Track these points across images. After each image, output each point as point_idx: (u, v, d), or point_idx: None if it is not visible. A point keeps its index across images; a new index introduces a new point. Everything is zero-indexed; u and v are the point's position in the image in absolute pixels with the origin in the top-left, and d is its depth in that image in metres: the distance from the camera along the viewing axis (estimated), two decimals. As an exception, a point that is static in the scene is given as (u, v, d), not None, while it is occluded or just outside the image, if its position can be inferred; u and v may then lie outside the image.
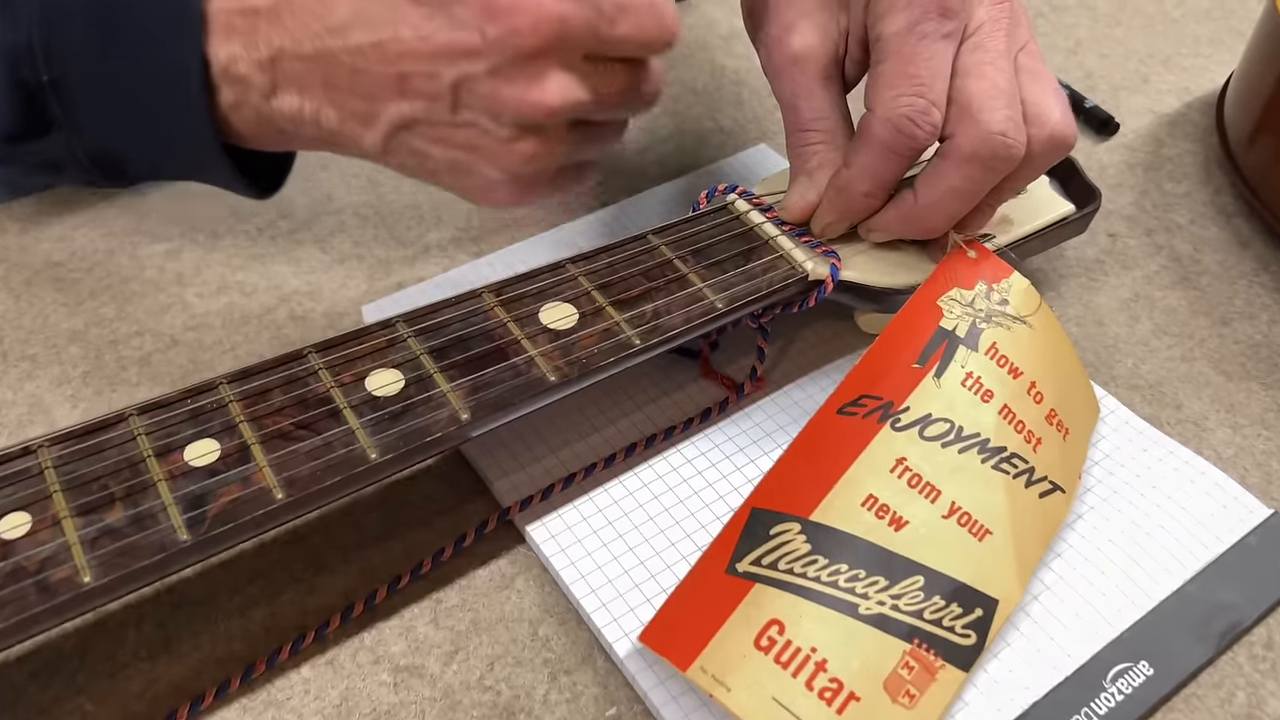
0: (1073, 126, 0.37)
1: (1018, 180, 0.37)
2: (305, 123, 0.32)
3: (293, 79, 0.31)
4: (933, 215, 0.37)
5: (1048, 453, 0.35)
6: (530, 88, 0.31)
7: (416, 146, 0.33)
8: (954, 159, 0.36)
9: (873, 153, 0.36)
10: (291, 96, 0.32)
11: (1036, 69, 0.37)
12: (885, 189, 0.37)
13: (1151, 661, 0.34)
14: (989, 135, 0.35)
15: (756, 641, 0.31)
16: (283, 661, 0.34)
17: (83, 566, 0.27)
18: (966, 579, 0.32)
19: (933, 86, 0.35)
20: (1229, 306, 0.46)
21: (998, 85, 0.35)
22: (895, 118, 0.35)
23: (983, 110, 0.35)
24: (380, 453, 0.30)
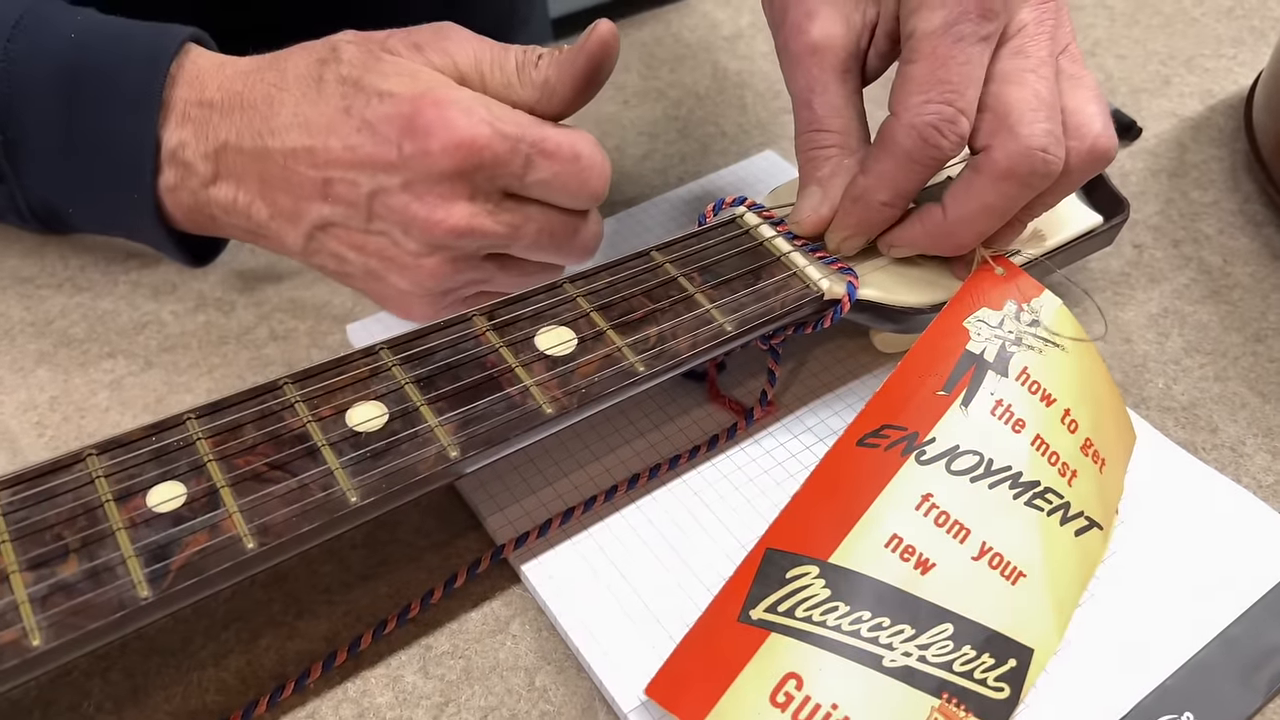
0: (1114, 138, 0.35)
1: (1054, 195, 0.35)
2: (237, 213, 0.35)
3: (232, 171, 0.34)
4: (963, 232, 0.35)
5: (1083, 486, 0.33)
6: (436, 208, 0.32)
7: (334, 249, 0.34)
8: (989, 174, 0.33)
9: (894, 161, 0.34)
10: (228, 187, 0.34)
11: (1078, 74, 0.35)
12: (905, 199, 0.35)
13: (1197, 713, 0.31)
14: (1029, 151, 0.32)
15: (772, 697, 0.28)
16: (260, 715, 0.31)
17: (32, 629, 0.24)
18: (999, 627, 0.30)
19: (964, 94, 0.32)
20: (1263, 322, 0.44)
21: (1040, 95, 0.33)
22: (921, 125, 0.33)
23: (1022, 123, 0.33)
24: (361, 496, 0.28)
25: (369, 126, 0.32)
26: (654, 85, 0.57)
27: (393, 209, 0.33)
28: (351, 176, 0.33)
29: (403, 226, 0.33)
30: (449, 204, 0.32)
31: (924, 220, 0.35)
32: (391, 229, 0.33)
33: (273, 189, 0.34)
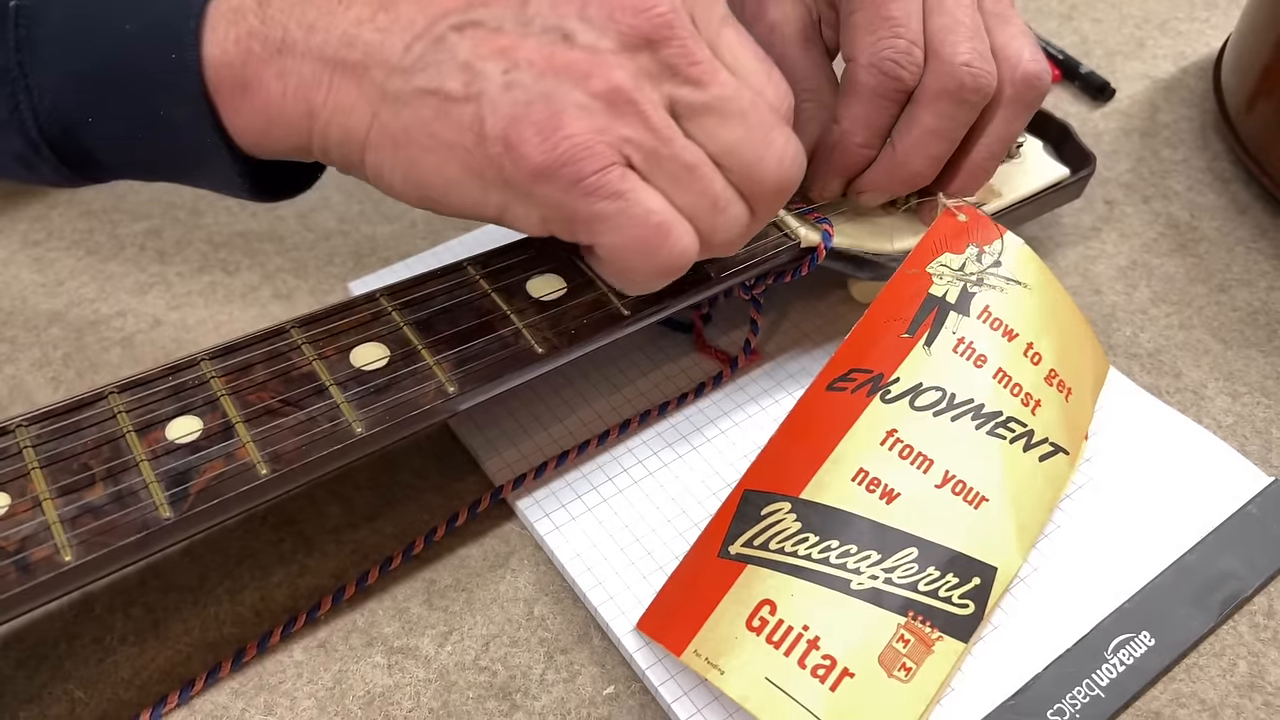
0: (1045, 65, 0.36)
1: (1002, 125, 0.37)
2: (328, 15, 0.28)
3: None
4: (914, 160, 0.36)
5: (1048, 414, 0.35)
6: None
7: (465, 57, 0.27)
8: (924, 99, 0.35)
9: (862, 101, 0.35)
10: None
11: (1003, 12, 0.37)
12: (880, 137, 0.37)
13: (1153, 632, 0.33)
14: (954, 67, 0.34)
15: (748, 622, 0.30)
16: (274, 644, 0.33)
17: (63, 545, 0.26)
18: (962, 548, 0.32)
19: (909, 26, 0.34)
20: (1227, 273, 0.46)
21: (959, 19, 0.35)
22: (879, 61, 0.34)
23: (945, 45, 0.34)
24: (366, 427, 0.29)
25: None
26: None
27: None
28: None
29: (585, 15, 0.28)
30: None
31: (880, 161, 0.37)
32: (567, 23, 0.28)
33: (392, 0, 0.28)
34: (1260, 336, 0.43)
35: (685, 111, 0.29)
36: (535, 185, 0.28)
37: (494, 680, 0.33)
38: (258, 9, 0.28)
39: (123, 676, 0.33)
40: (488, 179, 0.28)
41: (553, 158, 0.27)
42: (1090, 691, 0.32)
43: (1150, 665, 0.33)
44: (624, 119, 0.28)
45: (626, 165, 0.28)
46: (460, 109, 0.27)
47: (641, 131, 0.28)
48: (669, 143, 0.28)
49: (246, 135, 0.30)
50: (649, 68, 0.28)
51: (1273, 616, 0.34)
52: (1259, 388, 0.41)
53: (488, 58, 0.27)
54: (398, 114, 0.28)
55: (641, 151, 0.28)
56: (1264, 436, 0.40)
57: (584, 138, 0.27)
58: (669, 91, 0.28)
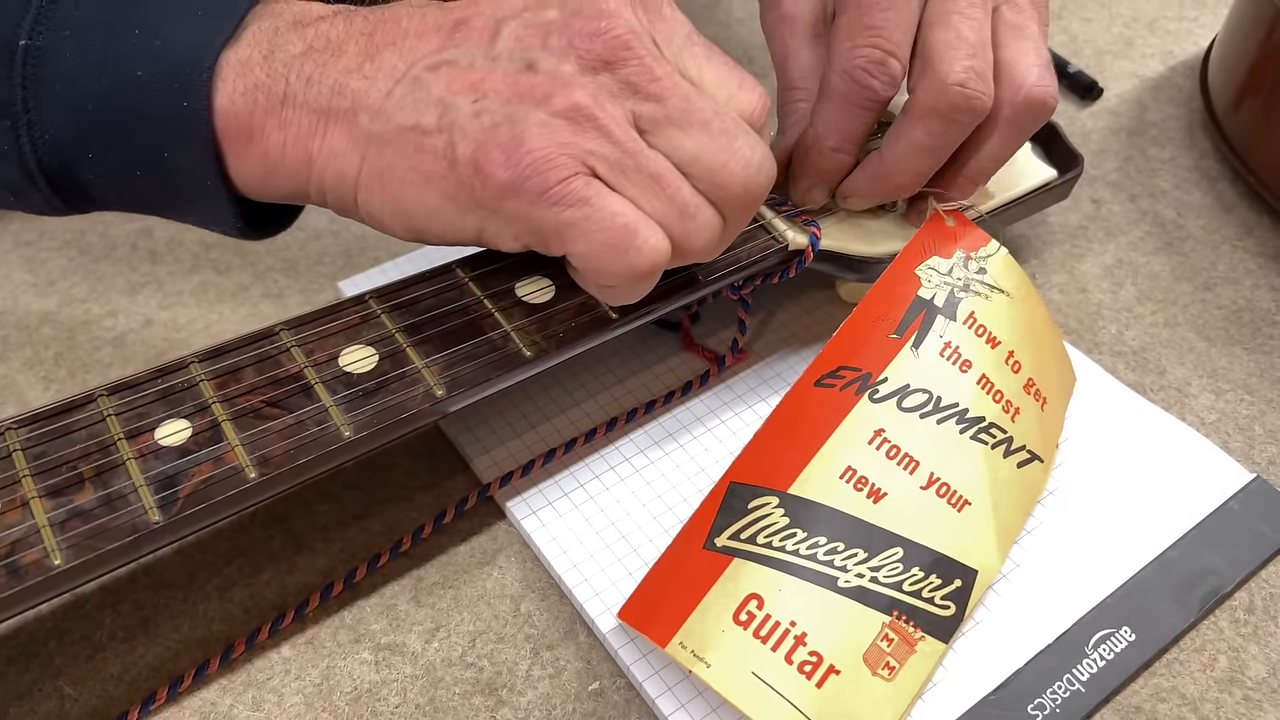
0: (1052, 89, 0.36)
1: (997, 145, 0.36)
2: (321, 69, 0.30)
3: (336, 23, 0.30)
4: (899, 172, 0.36)
5: (1026, 422, 0.35)
6: (601, 16, 0.29)
7: (439, 94, 0.29)
8: (914, 113, 0.35)
9: (834, 106, 0.35)
10: (327, 24, 0.30)
11: (1022, 24, 0.36)
12: (854, 143, 0.37)
13: (1134, 627, 0.34)
14: (945, 86, 0.34)
15: (735, 616, 0.30)
16: (262, 641, 0.34)
17: (53, 549, 0.26)
18: (946, 550, 0.32)
19: (890, 37, 0.34)
20: (1212, 271, 0.46)
21: (961, 34, 0.34)
22: (852, 69, 0.34)
23: (941, 61, 0.34)
24: (354, 430, 0.30)
25: (539, 1, 0.30)
26: (633, 51, 0.58)
27: (538, 28, 0.30)
28: (488, 12, 0.30)
29: (547, 45, 0.29)
30: (611, 17, 0.29)
31: (866, 166, 0.37)
32: (531, 53, 0.29)
33: (378, 47, 0.30)
34: (1244, 334, 0.44)
35: (648, 125, 0.30)
36: (504, 202, 0.29)
37: (480, 676, 0.33)
38: (264, 63, 0.30)
39: (112, 673, 0.33)
40: (462, 202, 0.30)
41: (517, 173, 0.28)
42: (1071, 686, 0.32)
43: (1131, 660, 0.33)
44: (586, 133, 0.29)
45: (591, 175, 0.29)
46: (435, 140, 0.29)
47: (604, 144, 0.29)
48: (633, 154, 0.29)
49: (248, 180, 0.31)
50: (610, 86, 0.29)
51: (1253, 612, 0.35)
52: (1242, 385, 0.42)
53: (459, 92, 0.29)
54: (382, 152, 0.30)
55: (606, 162, 0.29)
56: (1246, 433, 0.40)
57: (546, 151, 0.28)
58: (631, 107, 0.30)
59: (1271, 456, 0.39)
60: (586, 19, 0.29)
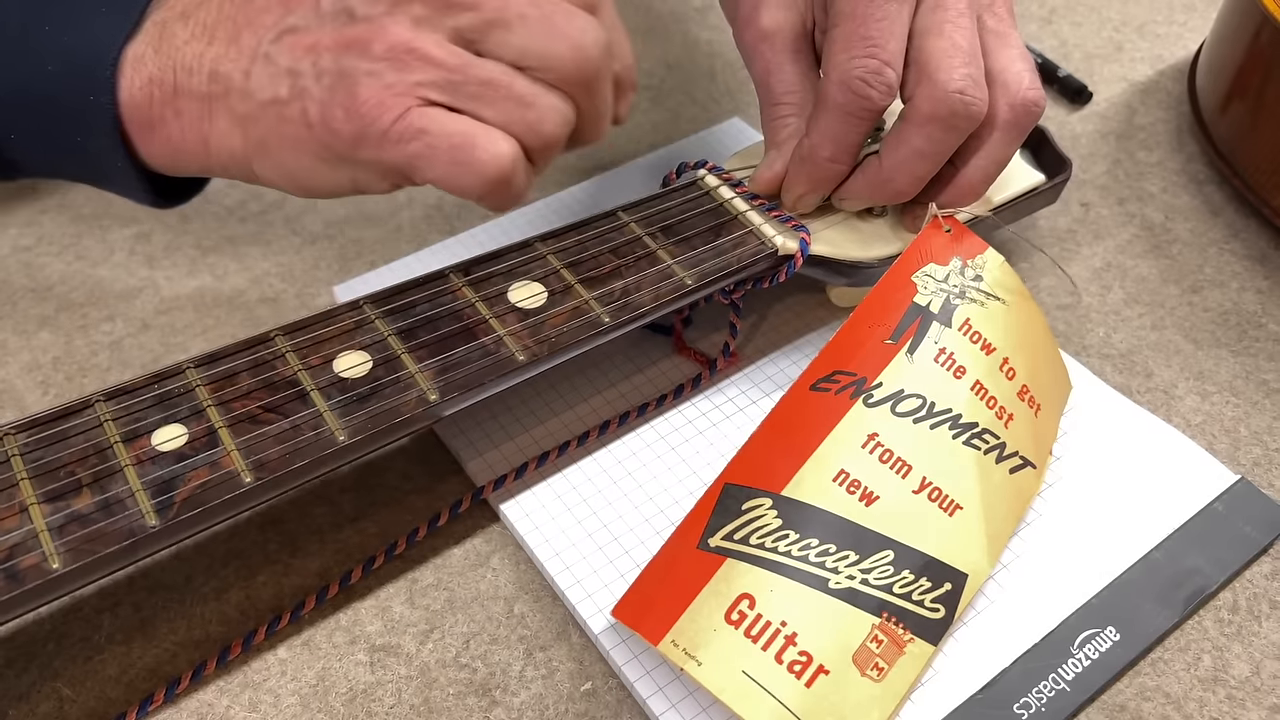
0: (1040, 91, 0.37)
1: (997, 149, 0.37)
2: (198, 70, 0.32)
3: (204, 22, 0.33)
4: (899, 178, 0.37)
5: (1019, 428, 0.36)
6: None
7: (288, 63, 0.31)
8: (914, 120, 0.36)
9: (831, 117, 0.36)
10: (198, 42, 0.32)
11: (1003, 30, 0.37)
12: (849, 153, 0.37)
13: (1119, 627, 0.34)
14: (946, 94, 0.35)
15: (727, 616, 0.31)
16: (259, 643, 0.34)
17: (51, 553, 0.27)
18: (936, 553, 0.33)
19: (885, 46, 0.35)
20: (1199, 274, 0.47)
21: (956, 43, 0.35)
22: (849, 79, 0.35)
23: (940, 69, 0.35)
24: (349, 435, 0.30)
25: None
26: (626, 56, 0.59)
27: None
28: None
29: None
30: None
31: (865, 171, 0.38)
32: (349, 3, 0.31)
33: (239, 29, 0.32)
34: (1230, 337, 0.44)
35: (472, 35, 0.31)
36: (358, 152, 0.31)
37: (474, 677, 0.33)
38: (155, 56, 0.32)
39: (110, 674, 0.33)
40: (330, 160, 0.32)
41: (358, 124, 0.30)
42: (1056, 685, 0.33)
43: (1115, 660, 0.33)
44: (409, 68, 0.30)
45: (426, 104, 0.30)
46: (292, 109, 0.31)
47: (430, 71, 0.30)
48: (460, 69, 0.31)
49: (157, 162, 0.34)
50: (422, 14, 0.31)
51: (1237, 612, 0.35)
52: (1228, 387, 0.42)
53: (301, 57, 0.31)
54: (256, 128, 0.32)
55: (436, 88, 0.30)
56: (1232, 435, 0.40)
57: (376, 97, 0.30)
58: (450, 25, 0.31)
59: (1256, 458, 0.40)
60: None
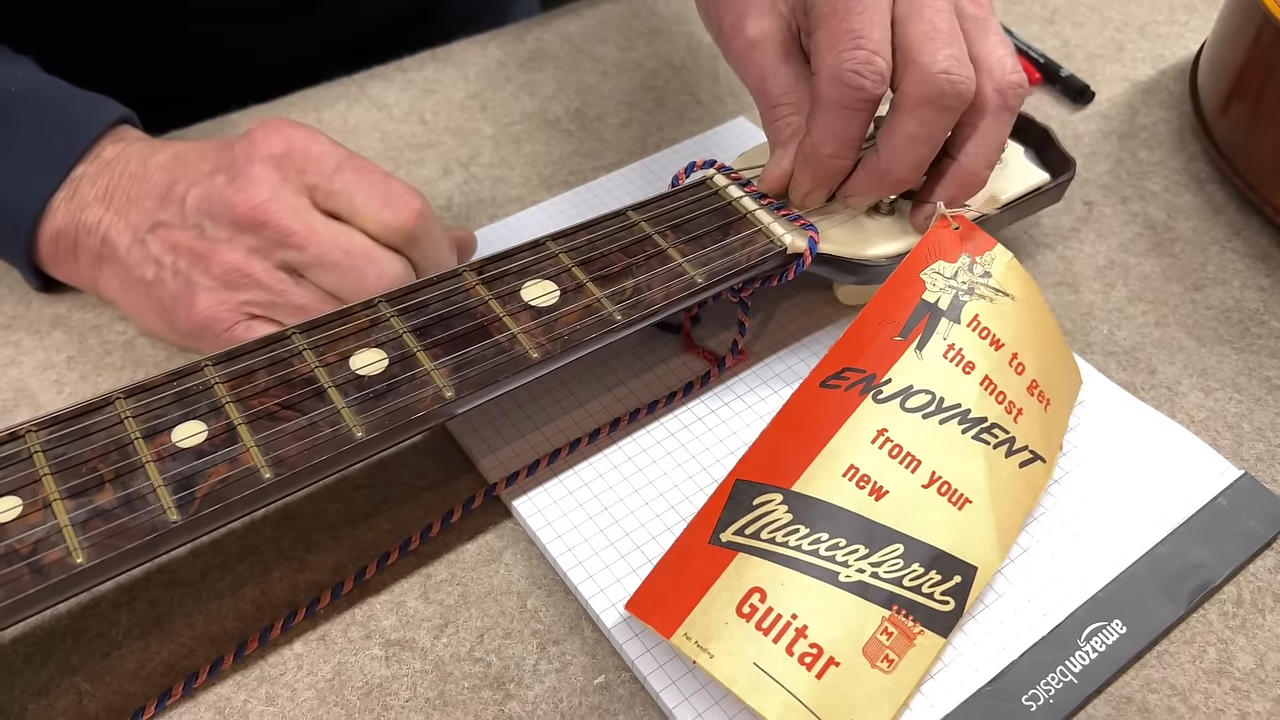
0: (1022, 74, 0.38)
1: (990, 132, 0.38)
2: (96, 232, 0.40)
3: (109, 195, 0.40)
4: (898, 166, 0.37)
5: (1028, 423, 0.36)
6: (243, 189, 0.37)
7: (155, 252, 0.39)
8: (905, 106, 0.36)
9: (828, 113, 0.36)
10: (99, 209, 0.40)
11: (981, 18, 0.38)
12: (851, 147, 0.38)
13: (1125, 620, 0.34)
14: (932, 76, 0.35)
15: (739, 609, 0.31)
16: (275, 638, 0.34)
17: (75, 548, 0.27)
18: (946, 547, 0.33)
19: (870, 36, 0.35)
20: (1201, 272, 0.47)
21: (936, 26, 0.36)
22: (840, 72, 0.35)
23: (923, 52, 0.35)
24: (366, 431, 0.30)
25: (219, 168, 0.39)
26: (631, 57, 0.59)
27: (208, 197, 0.38)
28: (187, 181, 0.39)
29: (212, 213, 0.38)
30: (254, 187, 0.37)
31: (865, 165, 0.38)
32: (203, 220, 0.38)
33: (129, 204, 0.40)
34: (1233, 334, 0.44)
35: (297, 268, 0.38)
36: (197, 342, 0.39)
37: (488, 671, 0.34)
38: (65, 211, 0.40)
39: (128, 669, 0.34)
40: (178, 335, 0.40)
41: (195, 325, 0.38)
42: (1064, 677, 0.33)
43: (1122, 652, 0.34)
44: (240, 289, 0.37)
45: (251, 318, 0.38)
46: (155, 291, 0.39)
47: (257, 292, 0.37)
48: (282, 294, 0.37)
49: (56, 275, 0.43)
50: (257, 245, 0.37)
51: (1241, 605, 0.36)
52: (1231, 383, 0.43)
53: (165, 252, 0.39)
54: (130, 292, 0.40)
55: (260, 306, 0.38)
56: (1235, 431, 0.41)
57: (211, 311, 0.38)
58: (279, 257, 0.37)
59: (1259, 453, 0.40)
60: (236, 189, 0.37)
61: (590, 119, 0.55)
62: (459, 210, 0.50)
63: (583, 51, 0.59)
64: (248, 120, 0.54)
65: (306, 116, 0.55)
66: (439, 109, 0.55)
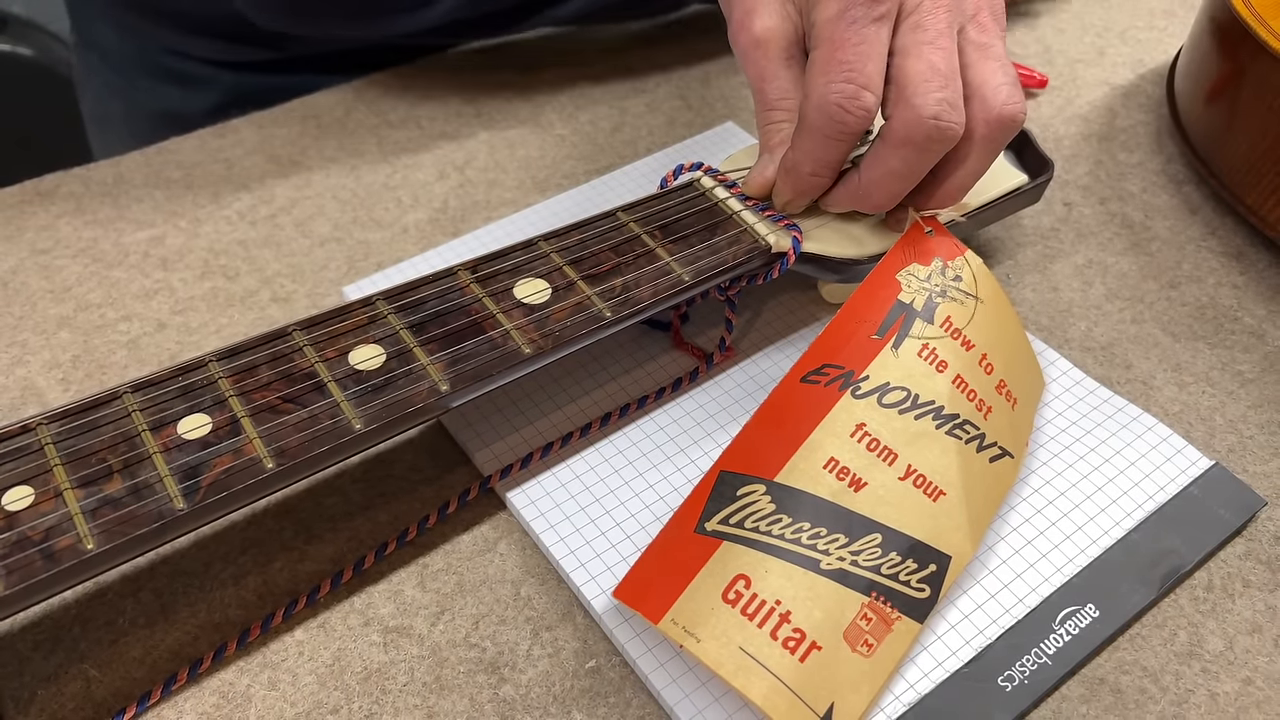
0: (1021, 105, 0.37)
1: (974, 162, 0.38)
2: None
3: None
4: (877, 194, 0.38)
5: (997, 420, 0.37)
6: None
7: None
8: (890, 141, 0.37)
9: (810, 137, 0.37)
10: None
11: (985, 42, 0.38)
12: (830, 169, 0.38)
13: (1098, 604, 0.36)
14: (921, 119, 0.35)
15: (724, 595, 0.32)
16: (277, 625, 0.35)
17: (85, 535, 0.28)
18: (922, 536, 0.34)
19: (862, 71, 0.35)
20: (1177, 270, 0.48)
21: (934, 66, 0.36)
22: (826, 104, 0.36)
23: (916, 93, 0.35)
24: (365, 423, 0.32)
25: None
26: (624, 62, 0.60)
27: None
28: None
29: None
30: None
31: (846, 183, 0.39)
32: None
33: None
34: (1207, 330, 0.46)
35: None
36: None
37: (483, 656, 0.35)
38: None
39: (134, 656, 0.35)
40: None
41: None
42: (1039, 659, 0.34)
43: (1094, 635, 0.35)
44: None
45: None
46: None
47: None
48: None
49: None
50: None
51: (1211, 590, 0.37)
52: (1204, 378, 0.44)
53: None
54: None
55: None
56: (1208, 423, 0.42)
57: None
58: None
59: (1231, 445, 0.41)
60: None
61: (582, 124, 0.56)
62: (454, 213, 0.51)
63: (575, 58, 0.61)
64: (248, 125, 0.56)
65: (305, 122, 0.56)
66: (435, 114, 0.56)
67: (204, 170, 0.53)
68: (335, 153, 0.54)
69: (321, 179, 0.53)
